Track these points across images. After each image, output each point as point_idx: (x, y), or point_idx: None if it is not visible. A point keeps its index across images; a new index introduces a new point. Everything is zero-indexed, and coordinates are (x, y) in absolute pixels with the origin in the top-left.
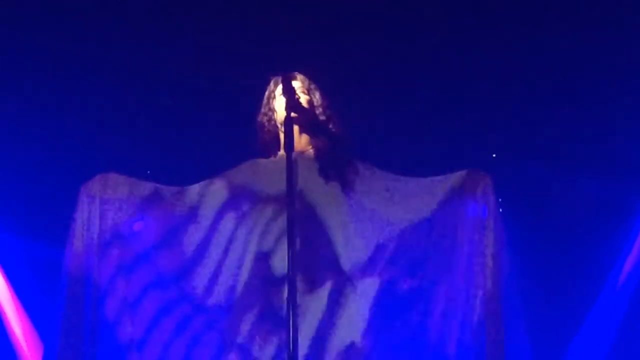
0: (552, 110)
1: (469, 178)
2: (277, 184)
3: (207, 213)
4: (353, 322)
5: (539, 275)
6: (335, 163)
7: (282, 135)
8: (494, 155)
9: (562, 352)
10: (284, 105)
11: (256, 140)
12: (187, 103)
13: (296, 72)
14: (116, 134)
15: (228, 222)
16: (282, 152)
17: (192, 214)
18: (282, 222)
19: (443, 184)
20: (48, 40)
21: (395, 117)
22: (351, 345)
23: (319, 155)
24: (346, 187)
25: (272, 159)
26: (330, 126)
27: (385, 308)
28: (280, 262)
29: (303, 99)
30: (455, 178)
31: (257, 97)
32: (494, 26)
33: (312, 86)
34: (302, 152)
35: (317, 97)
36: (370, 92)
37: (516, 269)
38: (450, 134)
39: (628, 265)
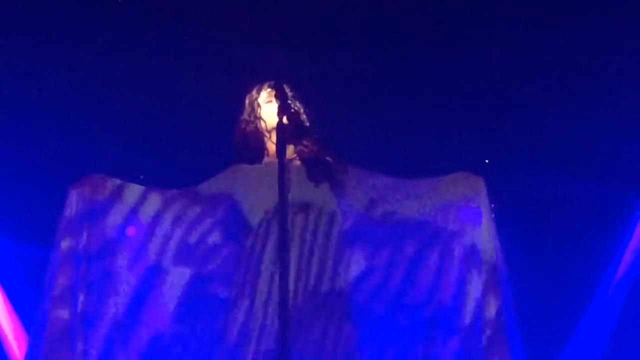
0: (547, 113)
1: (462, 180)
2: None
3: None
4: None
5: (533, 278)
6: (323, 167)
7: (269, 143)
8: (486, 161)
9: (559, 353)
10: (273, 112)
11: (236, 147)
12: (182, 106)
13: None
14: (109, 137)
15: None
16: (268, 159)
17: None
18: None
19: (435, 186)
20: (43, 41)
21: (390, 120)
22: None
23: (305, 161)
24: (336, 188)
25: (256, 165)
26: (314, 131)
27: None
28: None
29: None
30: (447, 180)
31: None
32: (490, 29)
33: (292, 93)
34: (290, 160)
35: (297, 104)
36: (367, 94)
37: (510, 273)
38: (443, 138)
39: (623, 267)
